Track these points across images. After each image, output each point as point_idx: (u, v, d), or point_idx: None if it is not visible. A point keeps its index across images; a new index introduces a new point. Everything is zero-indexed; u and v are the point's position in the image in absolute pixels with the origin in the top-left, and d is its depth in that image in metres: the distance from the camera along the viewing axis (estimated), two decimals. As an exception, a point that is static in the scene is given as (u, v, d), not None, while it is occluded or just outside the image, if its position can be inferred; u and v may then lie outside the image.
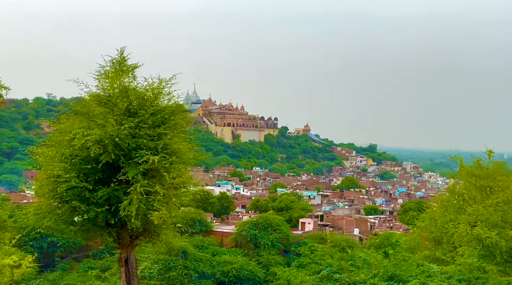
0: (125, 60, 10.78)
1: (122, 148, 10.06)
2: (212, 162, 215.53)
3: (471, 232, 9.42)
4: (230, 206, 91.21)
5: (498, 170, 12.07)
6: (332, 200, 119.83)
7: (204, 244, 59.45)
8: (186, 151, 10.69)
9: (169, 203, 9.99)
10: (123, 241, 10.96)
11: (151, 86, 10.70)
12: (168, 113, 10.63)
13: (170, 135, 10.38)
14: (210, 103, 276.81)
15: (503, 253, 9.51)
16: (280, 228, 63.72)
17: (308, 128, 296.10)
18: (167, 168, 9.98)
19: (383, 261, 12.55)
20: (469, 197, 11.39)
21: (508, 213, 9.91)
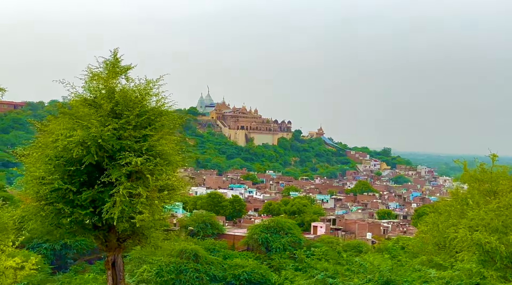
0: (119, 61, 10.79)
1: (106, 150, 10.01)
2: (225, 165, 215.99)
3: (471, 236, 9.32)
4: (242, 209, 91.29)
5: (502, 174, 11.94)
6: (345, 204, 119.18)
7: (215, 247, 59.62)
8: (172, 152, 10.62)
9: (152, 206, 9.92)
10: (110, 244, 10.93)
11: (138, 87, 10.71)
12: (155, 114, 10.54)
13: (155, 137, 10.27)
14: (223, 107, 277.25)
15: (503, 259, 9.39)
16: (292, 232, 63.67)
17: (321, 132, 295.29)
18: (151, 170, 9.95)
19: (381, 265, 12.44)
20: (472, 201, 11.29)
21: (509, 217, 9.80)
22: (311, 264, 16.94)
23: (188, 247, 52.67)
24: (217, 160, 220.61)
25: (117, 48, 10.80)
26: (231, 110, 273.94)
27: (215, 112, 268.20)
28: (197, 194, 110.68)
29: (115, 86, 10.54)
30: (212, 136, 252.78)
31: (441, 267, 11.51)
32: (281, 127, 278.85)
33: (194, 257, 51.79)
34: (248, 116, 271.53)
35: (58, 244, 54.19)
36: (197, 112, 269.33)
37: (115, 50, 10.80)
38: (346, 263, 14.45)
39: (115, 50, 10.81)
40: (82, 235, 10.91)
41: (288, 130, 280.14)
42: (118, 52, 10.77)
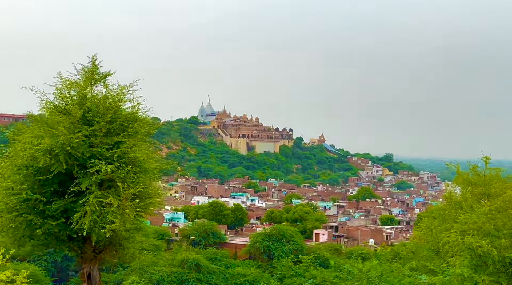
0: (97, 68, 10.66)
1: (76, 158, 9.73)
2: (227, 173, 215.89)
3: (462, 241, 9.21)
4: (244, 218, 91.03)
5: (495, 177, 11.84)
6: (348, 211, 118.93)
7: (217, 256, 59.31)
8: (148, 160, 10.42)
9: (124, 215, 9.65)
10: (85, 256, 10.68)
11: (111, 93, 10.53)
12: (128, 120, 10.27)
13: (128, 143, 10.01)
14: (224, 115, 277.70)
15: (496, 263, 9.26)
16: (294, 239, 63.35)
17: (323, 139, 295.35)
18: (123, 177, 9.72)
19: (370, 272, 12.30)
20: (466, 205, 11.19)
21: (501, 221, 9.69)
22: (299, 272, 16.78)
23: (190, 256, 52.41)
24: (219, 168, 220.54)
25: (95, 54, 10.67)
26: (232, 119, 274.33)
27: (216, 121, 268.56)
28: (199, 203, 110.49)
29: (87, 92, 10.36)
30: (213, 145, 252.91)
31: (434, 272, 11.40)
32: (283, 135, 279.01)
33: (195, 267, 51.52)
34: (249, 125, 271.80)
35: (59, 256, 53.95)
36: (198, 121, 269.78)
37: (94, 56, 10.67)
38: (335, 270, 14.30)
39: (93, 56, 10.67)
40: (56, 247, 10.66)
41: (290, 138, 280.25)
42: (96, 59, 10.64)
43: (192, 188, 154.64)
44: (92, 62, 10.59)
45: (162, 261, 53.20)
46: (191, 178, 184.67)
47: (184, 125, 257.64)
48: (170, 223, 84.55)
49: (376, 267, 12.95)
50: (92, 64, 10.57)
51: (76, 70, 10.49)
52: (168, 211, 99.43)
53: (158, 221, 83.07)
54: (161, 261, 52.80)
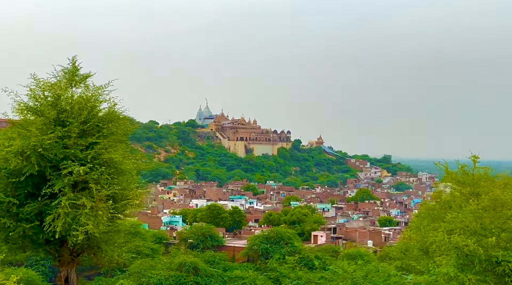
0: (77, 69, 10.53)
1: (49, 159, 9.60)
2: (225, 176, 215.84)
3: (449, 240, 9.22)
4: (242, 221, 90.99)
5: (484, 176, 11.86)
6: (347, 212, 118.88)
7: (215, 259, 59.27)
8: (125, 161, 10.26)
9: (97, 217, 9.48)
10: (63, 259, 10.53)
11: (85, 93, 10.38)
12: (103, 121, 10.16)
13: (102, 144, 9.88)
14: (222, 118, 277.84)
15: (483, 262, 9.27)
16: (292, 242, 63.33)
17: (321, 141, 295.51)
18: (96, 179, 9.61)
19: (356, 272, 12.30)
20: (454, 204, 11.21)
21: (488, 220, 9.71)
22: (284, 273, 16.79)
23: (188, 260, 52.37)
24: (217, 171, 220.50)
25: (75, 56, 10.59)
26: (230, 122, 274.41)
27: (214, 124, 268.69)
28: (197, 206, 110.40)
29: (62, 93, 10.24)
30: (211, 148, 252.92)
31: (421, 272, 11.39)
32: (281, 137, 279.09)
33: (193, 270, 51.46)
34: (247, 127, 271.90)
35: (57, 260, 53.92)
36: (196, 124, 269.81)
37: (74, 58, 10.58)
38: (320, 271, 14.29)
39: (73, 58, 10.58)
40: (33, 250, 10.52)
41: (288, 140, 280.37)
42: (76, 60, 10.55)
43: (191, 191, 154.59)
44: (72, 63, 10.49)
45: (160, 264, 53.14)
46: (189, 181, 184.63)
47: (182, 128, 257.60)
48: (168, 226, 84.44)
49: (362, 267, 12.96)
50: (72, 66, 10.47)
51: (56, 72, 10.39)
52: (166, 214, 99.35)
53: (156, 224, 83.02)
54: (159, 265, 52.74)
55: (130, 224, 63.76)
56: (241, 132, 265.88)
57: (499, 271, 9.36)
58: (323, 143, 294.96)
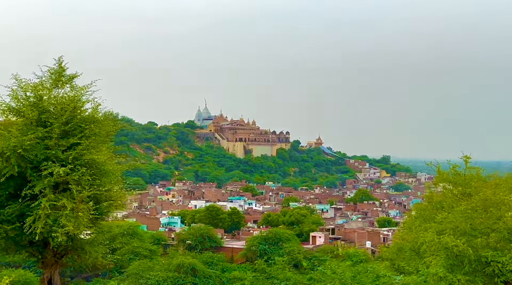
0: (64, 70, 10.45)
1: (30, 160, 9.54)
2: (224, 177, 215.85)
3: (438, 240, 9.23)
4: (241, 222, 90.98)
5: (475, 176, 11.88)
6: (346, 213, 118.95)
7: (213, 260, 59.26)
8: (108, 162, 10.19)
9: (78, 218, 9.40)
10: (46, 261, 10.44)
11: (67, 93, 10.30)
12: (85, 122, 10.07)
13: (84, 145, 9.80)
14: (221, 119, 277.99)
15: (472, 262, 9.29)
16: (290, 243, 63.35)
17: (320, 142, 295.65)
18: (77, 180, 9.52)
19: (345, 273, 12.31)
20: (446, 204, 11.23)
21: (478, 220, 9.73)
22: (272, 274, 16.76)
23: (186, 261, 52.35)
24: (216, 172, 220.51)
25: (61, 56, 10.52)
26: (229, 123, 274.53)
27: (213, 125, 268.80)
28: (196, 207, 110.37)
29: (44, 94, 10.16)
30: (210, 149, 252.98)
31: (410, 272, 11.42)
32: (280, 138, 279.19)
33: (192, 271, 51.43)
34: (246, 128, 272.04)
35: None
36: (195, 125, 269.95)
37: (60, 58, 10.50)
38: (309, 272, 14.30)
39: (59, 58, 10.50)
40: (16, 251, 10.45)
41: (287, 141, 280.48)
42: (63, 61, 10.47)
43: (189, 192, 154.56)
44: (59, 64, 10.43)
45: (158, 265, 53.11)
46: (188, 182, 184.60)
47: (181, 129, 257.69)
48: (167, 227, 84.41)
49: (351, 268, 12.96)
50: (58, 66, 10.40)
51: (43, 73, 10.33)
52: (165, 215, 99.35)
53: (154, 225, 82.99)
54: (157, 266, 52.70)
55: (128, 225, 64.14)
56: (240, 133, 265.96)
57: (488, 272, 9.40)
58: (322, 144, 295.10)
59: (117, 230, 61.23)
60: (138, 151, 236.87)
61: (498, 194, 9.94)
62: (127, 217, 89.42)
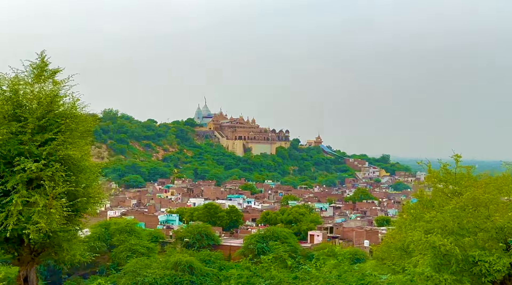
0: (46, 65, 10.34)
1: (4, 155, 9.39)
2: (223, 175, 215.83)
3: (426, 239, 9.23)
4: (239, 220, 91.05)
5: (466, 175, 11.87)
6: (344, 212, 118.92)
7: (211, 258, 59.38)
8: (85, 158, 10.09)
9: (51, 215, 9.31)
10: (22, 258, 10.33)
11: (43, 88, 10.08)
12: (61, 117, 9.91)
13: (59, 140, 9.65)
14: (221, 117, 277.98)
15: (459, 262, 9.28)
16: (288, 241, 63.44)
17: (320, 140, 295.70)
18: (51, 176, 9.47)
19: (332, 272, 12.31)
20: (437, 203, 11.23)
21: (465, 219, 9.73)
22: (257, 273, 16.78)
23: (183, 258, 52.47)
24: (215, 170, 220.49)
25: (43, 50, 10.41)
26: (228, 121, 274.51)
27: (212, 123, 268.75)
28: (195, 205, 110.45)
29: (20, 88, 10.05)
30: (210, 147, 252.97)
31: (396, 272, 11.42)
32: (279, 136, 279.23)
33: (189, 269, 51.57)
34: (245, 126, 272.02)
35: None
36: (194, 123, 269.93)
37: (42, 53, 10.38)
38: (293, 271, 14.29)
39: (42, 52, 10.37)
40: None
41: (286, 139, 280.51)
42: (45, 55, 10.36)
43: (188, 190, 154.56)
44: (41, 59, 10.32)
45: (155, 263, 53.23)
46: (187, 180, 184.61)
47: (180, 127, 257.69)
48: (165, 225, 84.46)
49: (337, 267, 12.96)
50: (41, 61, 10.30)
51: (25, 67, 10.23)
52: (164, 213, 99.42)
53: (152, 223, 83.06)
54: (154, 264, 52.83)
55: (125, 223, 64.22)
56: (239, 132, 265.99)
57: (476, 271, 9.40)
58: (321, 142, 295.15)
59: (115, 227, 61.49)
60: (138, 148, 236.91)
61: (488, 193, 9.93)
62: (125, 214, 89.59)
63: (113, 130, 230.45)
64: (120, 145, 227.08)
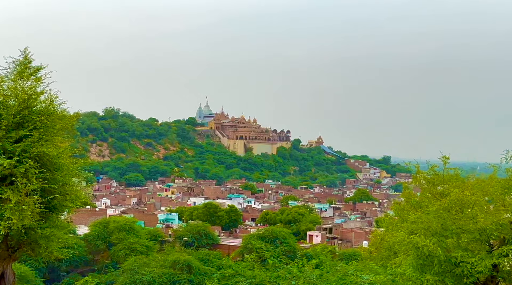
0: (30, 61, 10.17)
1: None
2: (224, 175, 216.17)
3: (408, 240, 9.35)
4: (239, 219, 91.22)
5: (454, 177, 12.00)
6: (344, 213, 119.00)
7: (209, 258, 59.49)
8: (61, 155, 10.10)
9: (24, 211, 9.39)
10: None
11: (19, 83, 9.89)
12: (37, 114, 9.89)
13: (34, 137, 9.64)
14: (222, 117, 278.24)
15: (442, 263, 9.39)
16: (287, 241, 63.55)
17: (321, 141, 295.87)
18: (24, 173, 9.32)
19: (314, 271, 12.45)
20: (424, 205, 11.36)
21: (448, 220, 9.85)
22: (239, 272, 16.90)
23: (181, 257, 52.56)
24: (216, 170, 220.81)
25: (26, 47, 10.41)
26: (229, 120, 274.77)
27: (213, 122, 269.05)
28: (195, 204, 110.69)
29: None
30: (211, 146, 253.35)
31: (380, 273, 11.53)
32: (280, 136, 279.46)
33: (187, 268, 51.65)
34: (247, 126, 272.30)
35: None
36: (195, 122, 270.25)
37: (25, 49, 10.37)
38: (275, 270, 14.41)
39: (25, 49, 10.36)
40: None
41: (287, 139, 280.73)
42: (29, 52, 10.34)
43: (189, 189, 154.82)
44: (25, 56, 10.32)
45: (154, 262, 53.31)
46: (187, 179, 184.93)
47: (181, 126, 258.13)
48: (164, 224, 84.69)
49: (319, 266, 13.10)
50: (24, 58, 10.29)
51: (8, 64, 10.21)
52: (163, 212, 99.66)
53: (152, 222, 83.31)
54: (153, 262, 52.91)
55: (124, 221, 64.44)
56: (240, 131, 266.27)
57: (458, 272, 9.50)
58: (322, 143, 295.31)
59: (114, 226, 61.72)
60: (139, 147, 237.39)
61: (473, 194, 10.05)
62: (125, 212, 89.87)
63: (114, 129, 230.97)
64: (121, 143, 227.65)
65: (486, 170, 13.35)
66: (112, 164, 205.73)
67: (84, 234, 62.06)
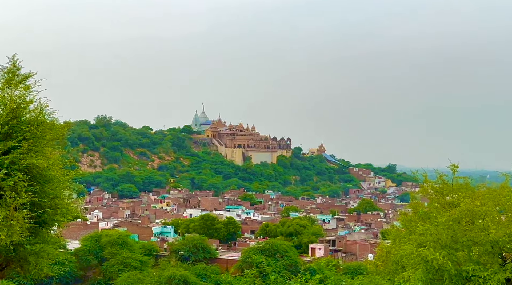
0: (18, 69, 10.16)
1: None
2: (222, 185, 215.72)
3: (418, 253, 9.30)
4: (238, 232, 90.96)
5: (464, 186, 11.95)
6: (348, 224, 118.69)
7: (207, 273, 59.37)
8: (52, 167, 10.02)
9: (12, 227, 9.27)
10: None
11: (7, 92, 9.88)
12: (26, 124, 9.79)
13: (23, 149, 9.54)
14: (219, 124, 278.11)
15: (452, 277, 9.34)
16: (288, 254, 63.41)
17: (323, 149, 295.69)
18: (12, 186, 9.23)
19: None
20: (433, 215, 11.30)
21: (458, 232, 9.80)
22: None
23: (177, 273, 52.52)
24: (213, 180, 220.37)
25: (15, 54, 10.37)
26: (227, 128, 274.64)
27: (210, 130, 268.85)
28: (191, 216, 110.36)
29: None
30: (207, 155, 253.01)
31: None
32: (280, 144, 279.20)
33: (183, 284, 51.57)
34: (245, 134, 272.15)
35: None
36: (191, 130, 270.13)
37: (14, 56, 10.32)
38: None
39: (13, 56, 10.34)
40: None
41: (288, 147, 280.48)
42: (17, 59, 10.31)
43: (185, 200, 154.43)
44: (13, 63, 10.29)
45: (148, 277, 53.25)
46: (183, 190, 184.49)
47: (177, 134, 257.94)
48: (159, 237, 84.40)
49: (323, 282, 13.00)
50: (12, 65, 10.26)
51: None
52: (158, 224, 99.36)
53: (146, 235, 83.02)
54: (147, 278, 52.86)
55: (117, 235, 64.24)
56: (238, 139, 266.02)
57: (469, 287, 9.43)
58: (324, 151, 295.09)
59: (106, 240, 61.57)
60: (132, 156, 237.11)
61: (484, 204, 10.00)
62: (118, 225, 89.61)
63: (106, 138, 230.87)
64: (113, 153, 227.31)
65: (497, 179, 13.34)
66: (104, 174, 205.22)
67: (75, 249, 61.83)
